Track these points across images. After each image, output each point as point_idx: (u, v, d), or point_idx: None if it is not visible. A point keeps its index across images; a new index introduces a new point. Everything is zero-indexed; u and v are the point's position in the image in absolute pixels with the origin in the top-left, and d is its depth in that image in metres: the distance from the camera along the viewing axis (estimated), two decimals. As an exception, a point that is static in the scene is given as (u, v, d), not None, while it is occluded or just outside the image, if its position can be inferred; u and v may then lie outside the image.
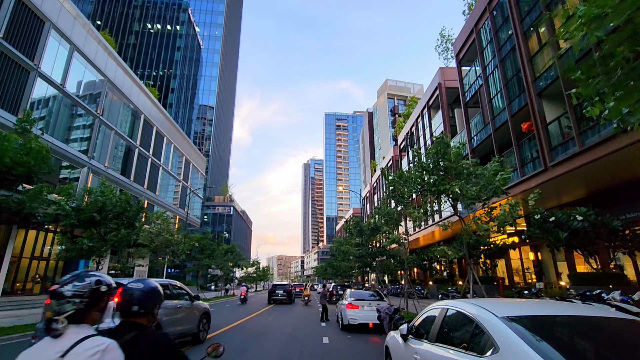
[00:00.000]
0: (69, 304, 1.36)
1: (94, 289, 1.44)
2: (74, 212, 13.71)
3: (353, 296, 11.35)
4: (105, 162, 25.06)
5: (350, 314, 10.58)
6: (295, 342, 9.33)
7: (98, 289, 1.46)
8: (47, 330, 1.30)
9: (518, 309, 2.61)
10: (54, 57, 19.88)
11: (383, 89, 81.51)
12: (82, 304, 1.39)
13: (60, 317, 1.32)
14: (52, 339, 1.30)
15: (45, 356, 1.26)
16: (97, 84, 24.37)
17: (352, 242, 24.58)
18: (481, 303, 2.74)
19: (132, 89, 29.12)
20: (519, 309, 2.63)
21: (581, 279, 12.63)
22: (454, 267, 29.49)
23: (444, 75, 25.79)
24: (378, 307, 7.97)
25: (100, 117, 24.45)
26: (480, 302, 2.78)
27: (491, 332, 2.29)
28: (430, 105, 28.05)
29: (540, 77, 14.39)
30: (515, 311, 2.49)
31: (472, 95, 20.86)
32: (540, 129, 14.19)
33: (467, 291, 20.18)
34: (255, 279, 65.04)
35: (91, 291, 1.43)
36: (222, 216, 74.52)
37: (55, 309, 1.36)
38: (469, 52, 21.44)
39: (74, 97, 21.58)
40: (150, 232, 20.88)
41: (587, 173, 12.45)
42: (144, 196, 30.80)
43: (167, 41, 70.35)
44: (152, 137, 32.70)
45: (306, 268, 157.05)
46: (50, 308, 1.37)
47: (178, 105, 67.86)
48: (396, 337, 4.24)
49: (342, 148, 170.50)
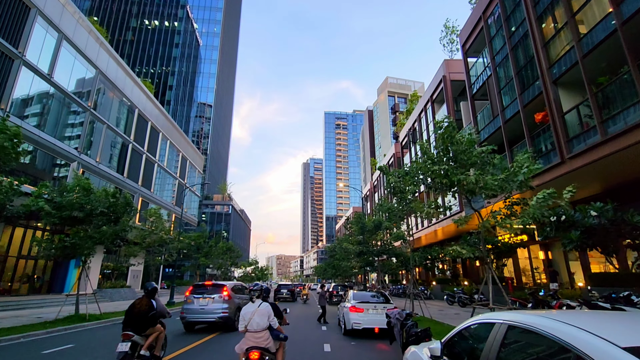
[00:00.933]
0: (256, 292, 4.95)
1: (263, 288, 5.21)
2: (55, 210, 12.73)
3: (356, 298, 10.41)
4: (96, 157, 24.09)
5: (354, 318, 9.65)
6: (294, 348, 8.42)
7: (262, 287, 5.20)
8: (250, 300, 4.83)
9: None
10: (40, 46, 18.91)
11: (383, 86, 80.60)
12: (261, 292, 4.99)
13: (254, 296, 4.86)
14: (251, 303, 4.72)
15: (252, 308, 4.62)
16: (88, 76, 23.38)
17: (354, 240, 23.63)
18: (571, 320, 1.81)
19: (126, 82, 28.13)
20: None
21: (602, 279, 11.72)
22: (458, 267, 28.61)
23: (449, 67, 24.86)
24: (387, 312, 7.05)
25: (92, 110, 23.47)
26: (566, 318, 1.85)
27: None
28: (434, 99, 27.11)
29: (556, 64, 13.47)
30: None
31: (480, 86, 19.93)
32: (556, 119, 13.26)
33: (475, 292, 19.33)
34: (254, 279, 64.22)
35: (261, 289, 5.14)
36: (221, 215, 73.52)
37: (251, 294, 4.95)
38: (476, 42, 20.51)
39: (62, 89, 20.60)
40: (143, 229, 19.95)
41: (608, 165, 11.53)
42: (138, 193, 29.84)
43: (165, 38, 69.25)
44: (147, 133, 31.71)
45: (305, 268, 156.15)
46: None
47: (176, 103, 66.79)
48: (421, 356, 3.30)
49: (341, 147, 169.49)
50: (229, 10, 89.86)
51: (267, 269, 74.52)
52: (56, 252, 13.33)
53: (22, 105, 18.21)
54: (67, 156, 21.23)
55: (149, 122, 31.99)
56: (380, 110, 77.76)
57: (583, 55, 11.86)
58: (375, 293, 11.44)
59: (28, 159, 19.15)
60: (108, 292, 24.48)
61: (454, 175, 7.49)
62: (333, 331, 11.26)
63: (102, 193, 13.98)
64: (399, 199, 14.28)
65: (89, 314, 13.64)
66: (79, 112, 22.67)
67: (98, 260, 28.01)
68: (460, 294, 19.32)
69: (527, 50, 15.27)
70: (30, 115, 18.58)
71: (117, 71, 26.77)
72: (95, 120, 24.30)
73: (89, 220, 13.73)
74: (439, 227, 26.75)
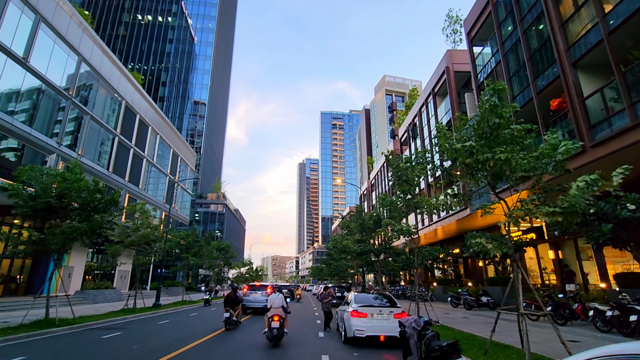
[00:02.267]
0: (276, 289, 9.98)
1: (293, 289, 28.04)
2: (29, 201, 11.41)
3: (359, 301, 9.13)
4: (78, 150, 22.60)
5: (356, 324, 8.38)
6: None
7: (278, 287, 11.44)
8: (279, 290, 9.74)
9: None
10: (14, 27, 17.44)
11: (381, 84, 79.58)
12: (279, 289, 9.98)
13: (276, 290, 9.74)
14: (274, 294, 9.24)
15: (274, 296, 9.08)
16: (69, 63, 21.88)
17: (352, 238, 22.33)
18: None
19: (112, 71, 26.64)
20: None
21: (631, 280, 10.57)
22: (460, 267, 27.47)
23: (453, 58, 23.75)
24: (401, 320, 5.79)
25: (74, 99, 21.98)
26: None
27: None
28: (436, 93, 25.98)
29: (575, 45, 12.34)
30: None
31: (487, 75, 18.81)
32: (575, 104, 12.12)
33: (482, 293, 18.11)
34: (248, 280, 62.63)
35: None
36: (214, 214, 71.87)
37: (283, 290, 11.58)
38: (483, 28, 19.40)
39: (40, 74, 19.13)
40: (126, 226, 18.49)
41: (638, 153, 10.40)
42: (125, 189, 28.34)
43: (158, 33, 67.63)
44: (135, 126, 30.20)
45: (301, 269, 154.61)
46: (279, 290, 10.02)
47: (169, 100, 65.14)
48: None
49: (337, 147, 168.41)
50: (224, 5, 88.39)
51: (262, 270, 73.03)
52: (26, 248, 11.95)
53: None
54: (46, 148, 19.74)
55: (137, 115, 30.48)
56: (378, 109, 76.72)
57: (609, 31, 10.73)
58: (378, 295, 10.19)
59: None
60: (91, 293, 23.00)
61: (480, 154, 6.28)
62: (332, 338, 9.97)
63: (91, 184, 12.64)
64: (404, 192, 13.05)
65: (60, 319, 12.24)
66: (60, 101, 21.18)
67: (82, 259, 26.48)
68: (466, 295, 18.14)
69: (542, 32, 14.14)
70: (1, 98, 17.07)
71: (102, 59, 25.29)
72: (78, 110, 22.81)
73: (64, 214, 12.43)
74: (439, 227, 25.60)
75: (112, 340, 9.42)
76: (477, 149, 6.43)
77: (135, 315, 15.57)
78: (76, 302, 21.07)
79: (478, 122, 6.61)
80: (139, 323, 13.40)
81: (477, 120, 6.97)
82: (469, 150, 6.67)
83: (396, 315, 8.46)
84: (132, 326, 12.43)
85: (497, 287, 17.79)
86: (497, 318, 6.85)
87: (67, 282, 25.47)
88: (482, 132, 6.72)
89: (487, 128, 6.78)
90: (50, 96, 20.41)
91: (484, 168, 6.75)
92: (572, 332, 9.94)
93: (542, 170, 6.29)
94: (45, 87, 19.80)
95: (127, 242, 17.67)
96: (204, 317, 16.23)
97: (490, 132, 6.74)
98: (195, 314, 17.83)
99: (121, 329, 11.74)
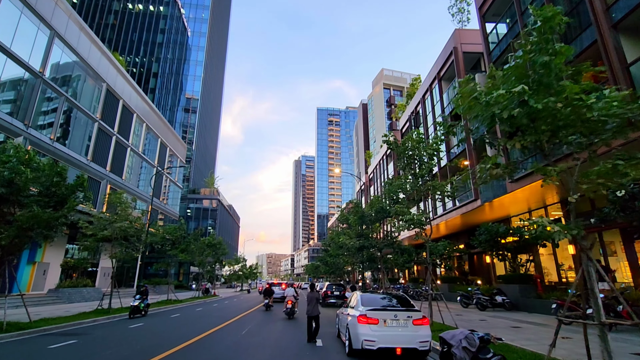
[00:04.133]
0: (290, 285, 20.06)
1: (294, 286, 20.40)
2: None
3: (367, 304, 7.27)
4: (50, 135, 20.50)
5: (365, 333, 6.54)
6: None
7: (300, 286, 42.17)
8: (290, 285, 18.33)
9: None
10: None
11: (379, 78, 77.76)
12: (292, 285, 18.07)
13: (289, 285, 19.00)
14: (289, 287, 15.56)
15: (288, 288, 15.31)
16: (40, 36, 19.74)
17: (351, 232, 20.42)
18: None
19: (91, 50, 24.48)
20: None
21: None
22: (465, 264, 25.82)
23: (461, 38, 21.94)
24: (445, 336, 3.98)
25: (44, 77, 19.85)
26: None
27: None
28: (442, 77, 24.19)
29: (615, 4, 10.59)
30: None
31: (501, 52, 17.06)
32: (616, 72, 10.38)
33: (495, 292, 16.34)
34: (241, 277, 60.54)
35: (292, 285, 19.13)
36: (207, 210, 69.66)
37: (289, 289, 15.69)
38: (497, 1, 17.63)
39: (4, 47, 17.02)
40: (102, 217, 16.50)
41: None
42: (106, 179, 26.25)
43: (149, 22, 65.12)
44: (118, 112, 28.06)
45: (296, 266, 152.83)
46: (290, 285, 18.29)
47: (161, 91, 62.74)
48: None
49: (334, 144, 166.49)
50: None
51: (256, 268, 71.01)
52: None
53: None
54: (9, 129, 17.64)
55: (120, 101, 28.33)
56: (375, 103, 74.91)
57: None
58: (387, 295, 8.36)
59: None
60: (66, 292, 20.99)
61: (539, 100, 4.51)
62: (332, 349, 8.10)
63: (46, 166, 10.93)
64: (414, 176, 11.24)
65: (11, 323, 10.35)
66: (28, 80, 19.06)
67: (59, 255, 24.42)
68: (478, 294, 16.42)
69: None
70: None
71: (79, 36, 23.12)
72: (50, 90, 20.69)
73: (17, 201, 10.57)
74: (442, 221, 23.87)
75: (58, 351, 7.51)
76: (529, 95, 4.62)
77: (108, 317, 13.67)
78: (47, 302, 19.07)
79: (517, 65, 4.80)
80: (106, 328, 11.48)
81: (515, 63, 5.15)
82: (516, 99, 4.84)
83: (416, 321, 6.62)
84: (95, 332, 10.51)
85: (514, 286, 16.10)
86: (558, 328, 5.07)
87: (42, 280, 23.42)
88: (525, 79, 4.91)
89: (531, 72, 4.98)
90: (18, 74, 18.28)
91: (544, 123, 4.93)
92: (628, 341, 8.20)
93: (612, 131, 4.52)
94: (11, 61, 17.68)
95: (100, 236, 15.68)
96: (187, 318, 14.33)
97: (539, 79, 4.92)
98: (177, 314, 15.93)
99: (81, 334, 9.83)
